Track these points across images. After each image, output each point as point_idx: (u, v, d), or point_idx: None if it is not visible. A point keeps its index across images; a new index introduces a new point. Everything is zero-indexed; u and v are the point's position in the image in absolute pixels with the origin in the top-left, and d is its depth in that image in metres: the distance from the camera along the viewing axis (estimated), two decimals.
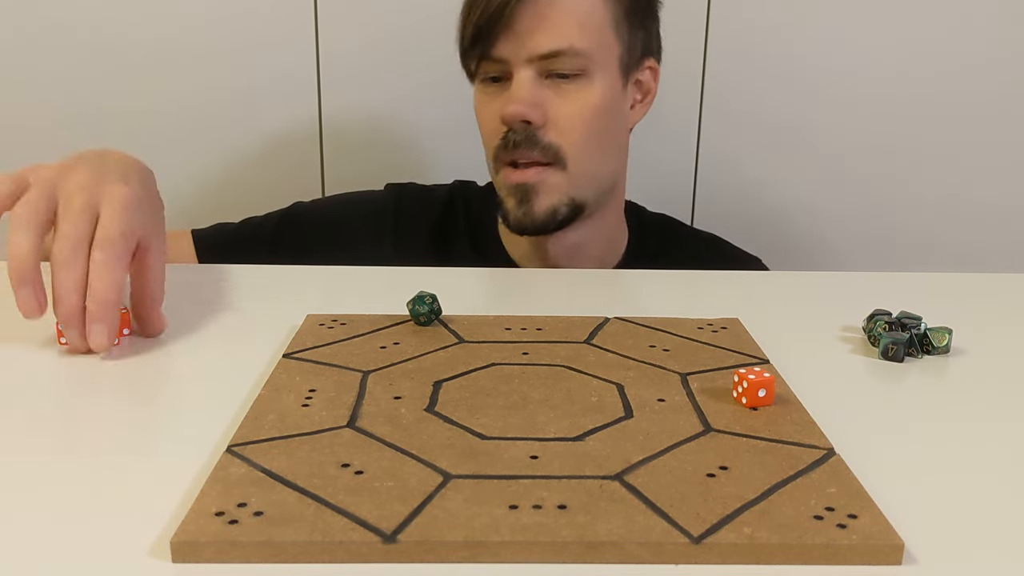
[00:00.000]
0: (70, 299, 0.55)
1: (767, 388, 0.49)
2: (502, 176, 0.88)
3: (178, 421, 0.49)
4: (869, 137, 1.24)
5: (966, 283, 0.77)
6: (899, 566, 0.37)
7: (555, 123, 0.85)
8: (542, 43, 0.84)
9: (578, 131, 0.86)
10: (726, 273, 0.79)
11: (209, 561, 0.36)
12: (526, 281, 0.78)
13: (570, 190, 0.87)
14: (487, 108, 0.88)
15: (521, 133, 0.85)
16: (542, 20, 0.83)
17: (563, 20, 0.84)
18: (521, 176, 0.86)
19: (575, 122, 0.86)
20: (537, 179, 0.86)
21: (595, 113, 0.87)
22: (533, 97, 0.84)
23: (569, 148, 0.86)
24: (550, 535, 0.36)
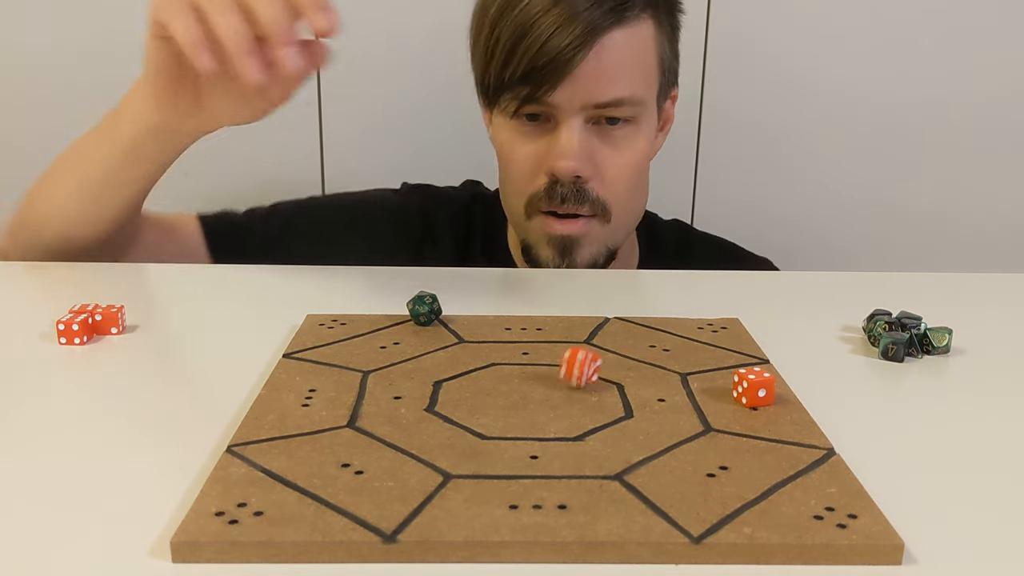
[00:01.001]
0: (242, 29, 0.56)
1: (767, 388, 0.49)
2: (539, 223, 0.83)
3: (178, 421, 0.49)
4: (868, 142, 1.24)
5: (966, 283, 0.77)
6: (899, 566, 0.37)
7: (604, 175, 0.81)
8: (603, 92, 0.78)
9: (626, 183, 0.83)
10: (726, 273, 0.79)
11: (209, 561, 0.36)
12: (526, 281, 0.78)
13: (608, 240, 0.85)
14: (522, 149, 0.82)
15: (569, 187, 0.80)
16: (605, 68, 0.77)
17: (626, 68, 0.79)
18: (565, 228, 0.82)
19: (625, 174, 0.82)
20: (582, 232, 0.82)
21: (642, 161, 0.84)
22: (585, 149, 0.79)
23: (615, 201, 0.82)
24: (550, 535, 0.36)
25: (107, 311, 0.60)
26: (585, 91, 0.78)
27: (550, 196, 0.81)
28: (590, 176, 0.81)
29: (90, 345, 0.59)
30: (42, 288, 0.71)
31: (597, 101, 0.79)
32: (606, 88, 0.78)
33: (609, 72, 0.78)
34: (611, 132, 0.81)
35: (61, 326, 0.58)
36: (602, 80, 0.78)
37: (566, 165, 0.79)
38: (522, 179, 0.83)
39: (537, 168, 0.82)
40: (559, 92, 0.78)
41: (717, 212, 1.25)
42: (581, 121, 0.79)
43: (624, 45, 0.78)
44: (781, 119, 1.23)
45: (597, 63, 0.77)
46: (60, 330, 0.58)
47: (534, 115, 0.81)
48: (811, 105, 1.22)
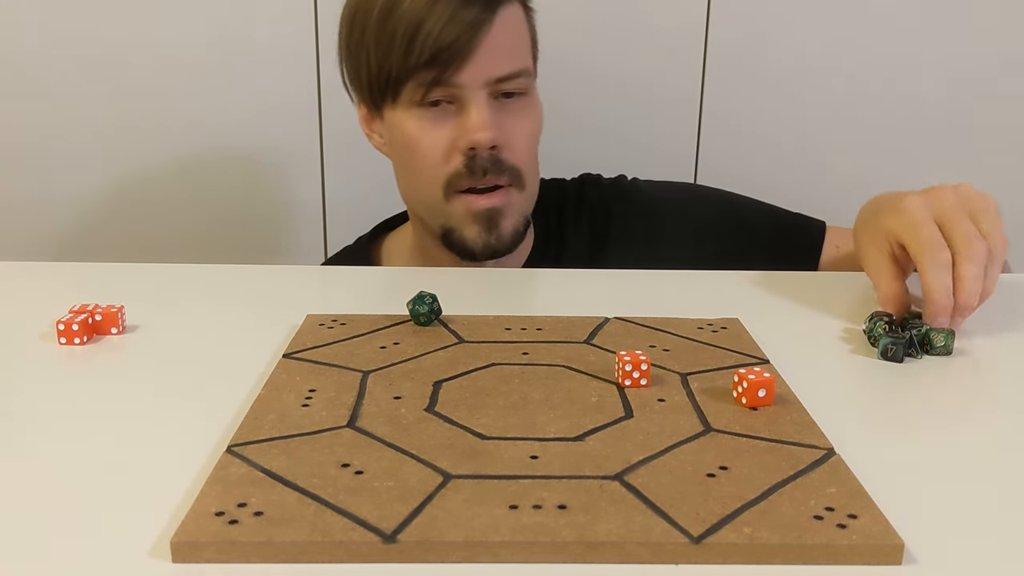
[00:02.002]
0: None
1: (767, 388, 0.49)
2: (460, 203, 0.85)
3: (178, 421, 0.49)
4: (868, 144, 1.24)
5: None
6: (899, 566, 0.37)
7: (512, 144, 0.85)
8: (502, 67, 0.83)
9: (530, 149, 0.87)
10: (726, 273, 0.79)
11: (209, 561, 0.36)
12: (526, 281, 0.78)
13: (524, 208, 0.88)
14: (431, 134, 0.84)
15: (487, 159, 0.83)
16: (498, 43, 0.82)
17: (517, 41, 0.85)
18: (488, 201, 0.85)
19: (529, 140, 0.87)
20: (503, 202, 0.85)
21: (538, 129, 0.89)
22: (496, 121, 0.83)
23: (525, 167, 0.86)
24: (550, 535, 0.36)
25: (107, 311, 0.60)
26: (487, 67, 0.82)
27: (471, 171, 0.84)
28: (503, 145, 0.84)
29: (90, 345, 0.59)
30: (42, 288, 0.71)
31: (498, 75, 0.83)
32: (503, 63, 0.83)
33: (505, 48, 0.83)
34: (509, 105, 0.85)
35: (61, 326, 0.58)
36: (500, 55, 0.83)
37: (484, 136, 0.82)
38: (435, 164, 0.85)
39: (451, 149, 0.84)
40: (465, 71, 0.81)
41: None
42: (485, 96, 0.83)
43: (511, 22, 0.84)
44: (781, 119, 1.23)
45: (495, 40, 0.82)
46: (60, 330, 0.58)
47: (436, 101, 0.84)
48: (811, 105, 1.22)
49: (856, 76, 1.21)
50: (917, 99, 1.22)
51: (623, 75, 1.21)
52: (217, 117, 1.22)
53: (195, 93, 1.21)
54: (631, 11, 1.20)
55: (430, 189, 0.86)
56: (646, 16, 1.19)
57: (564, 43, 1.20)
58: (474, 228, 0.86)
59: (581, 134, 1.23)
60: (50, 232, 1.25)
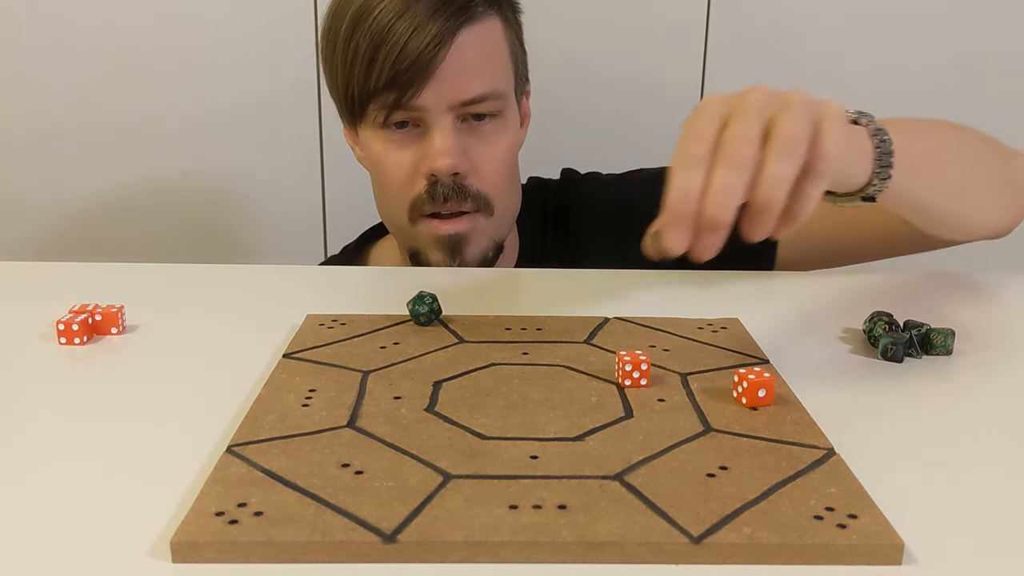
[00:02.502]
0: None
1: (767, 388, 0.49)
2: (424, 227, 0.84)
3: (178, 421, 0.49)
4: None
5: (966, 283, 0.77)
6: (899, 566, 0.37)
7: (479, 170, 0.82)
8: (467, 89, 0.79)
9: (501, 175, 0.84)
10: (726, 273, 0.79)
11: (209, 561, 0.36)
12: (526, 281, 0.78)
13: (494, 233, 0.86)
14: (395, 157, 0.83)
15: (449, 186, 0.81)
16: (465, 65, 0.79)
17: (484, 63, 0.81)
18: (452, 227, 0.83)
19: (498, 166, 0.84)
20: (468, 228, 0.83)
21: (512, 153, 0.86)
22: (459, 147, 0.80)
23: (495, 194, 0.84)
24: (550, 535, 0.36)
25: (107, 311, 0.60)
26: (450, 90, 0.79)
27: (432, 197, 0.82)
28: (467, 172, 0.82)
29: (90, 345, 0.59)
30: (42, 288, 0.71)
31: (463, 99, 0.80)
32: (469, 85, 0.80)
33: (469, 69, 0.80)
34: (479, 128, 0.83)
35: (61, 326, 0.58)
36: (464, 77, 0.79)
37: (443, 163, 0.80)
38: (400, 186, 0.84)
39: (414, 173, 0.83)
40: (425, 94, 0.79)
41: None
42: (451, 120, 0.81)
43: (478, 42, 0.80)
44: None
45: (457, 61, 0.79)
46: (60, 330, 0.58)
47: (402, 123, 0.82)
48: None
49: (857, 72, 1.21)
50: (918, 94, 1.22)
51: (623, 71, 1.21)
52: (217, 117, 1.22)
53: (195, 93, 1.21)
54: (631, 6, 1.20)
55: (397, 210, 0.85)
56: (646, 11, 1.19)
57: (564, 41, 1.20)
58: (438, 253, 0.84)
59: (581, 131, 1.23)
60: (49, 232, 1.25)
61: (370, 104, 0.81)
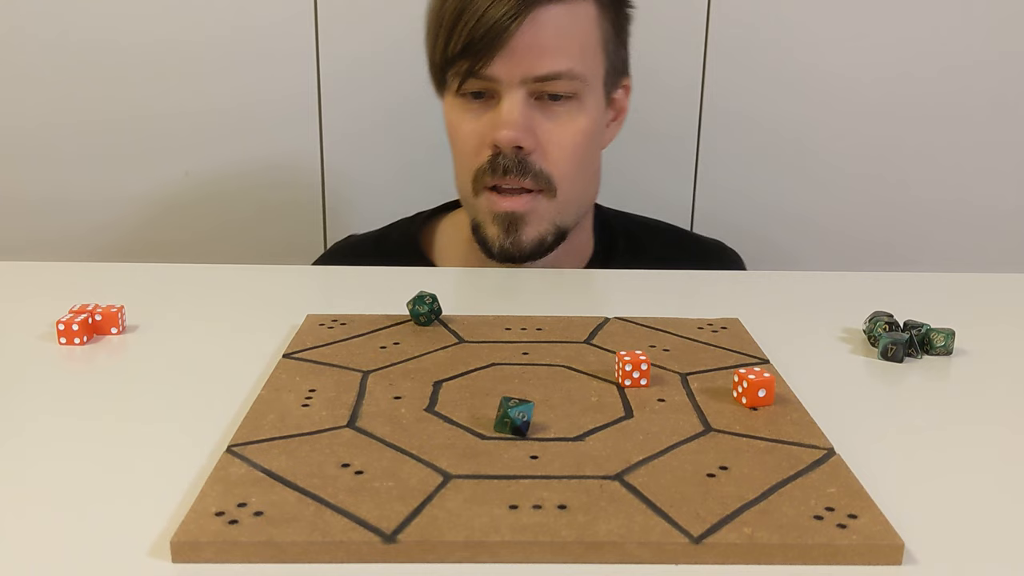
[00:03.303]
0: None
1: (767, 388, 0.49)
2: (485, 200, 0.84)
3: (178, 421, 0.49)
4: (869, 138, 1.24)
5: (967, 283, 0.77)
6: (899, 566, 0.37)
7: (546, 149, 0.82)
8: (541, 65, 0.80)
9: (569, 158, 0.83)
10: (726, 273, 0.79)
11: (209, 561, 0.36)
12: (526, 281, 0.78)
13: (556, 217, 0.85)
14: (468, 126, 0.84)
15: (511, 159, 0.81)
16: (542, 40, 0.79)
17: (563, 41, 0.80)
18: (510, 204, 0.83)
19: (567, 149, 0.83)
20: (527, 208, 0.83)
21: (585, 139, 0.84)
22: (526, 121, 0.80)
23: (559, 176, 0.83)
24: (550, 535, 0.36)
25: (107, 311, 0.60)
26: (523, 63, 0.79)
27: (493, 168, 0.82)
28: (531, 148, 0.82)
29: (90, 345, 0.59)
30: (42, 288, 0.71)
31: (536, 74, 0.80)
32: (544, 61, 0.80)
33: (546, 45, 0.80)
34: (553, 107, 0.83)
35: (61, 326, 0.58)
36: (540, 53, 0.79)
37: (506, 135, 0.80)
38: (468, 155, 0.84)
39: (481, 143, 0.83)
40: (497, 64, 0.79)
41: (717, 210, 1.25)
42: (523, 94, 0.81)
43: (561, 20, 0.80)
44: (782, 118, 1.23)
45: (534, 35, 0.79)
46: (60, 330, 0.58)
47: (479, 93, 0.83)
48: (812, 103, 1.22)
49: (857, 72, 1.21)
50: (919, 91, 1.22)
51: None
52: (216, 117, 1.21)
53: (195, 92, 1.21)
54: None
55: (465, 181, 0.86)
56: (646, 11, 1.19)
57: None
58: (494, 228, 0.84)
59: None
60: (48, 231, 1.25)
61: (448, 71, 0.83)
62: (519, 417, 0.45)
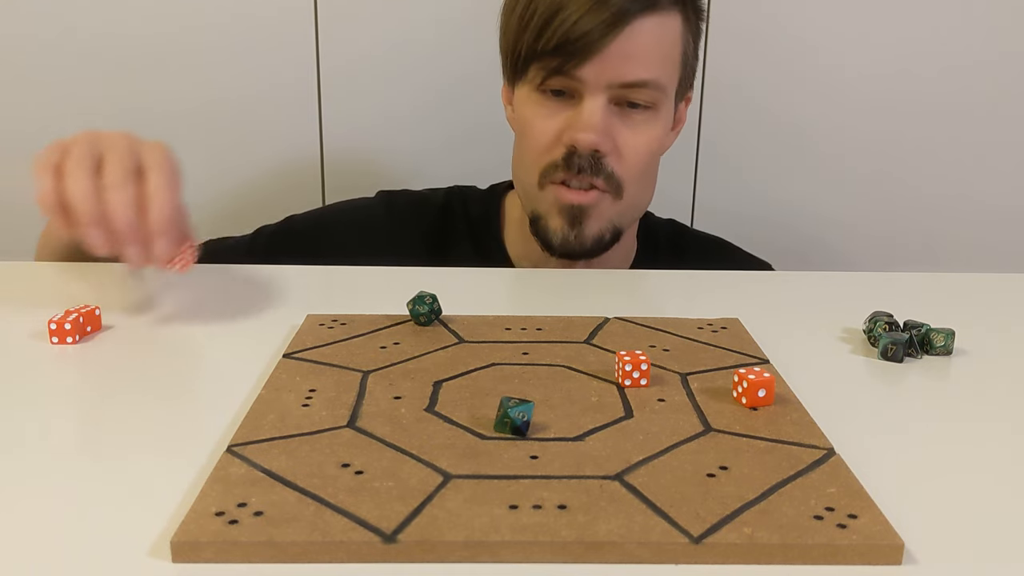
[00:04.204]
0: (128, 215, 0.59)
1: (767, 388, 0.49)
2: (551, 193, 0.85)
3: (178, 421, 0.49)
4: (870, 137, 1.24)
5: (967, 283, 0.77)
6: (899, 566, 0.37)
7: (620, 153, 0.84)
8: (628, 72, 0.81)
9: (640, 164, 0.85)
10: (726, 273, 0.79)
11: (209, 561, 0.36)
12: (526, 281, 0.78)
13: (616, 218, 0.87)
14: (545, 121, 0.85)
15: (587, 159, 0.82)
16: (632, 49, 0.81)
17: (651, 52, 0.82)
18: (579, 197, 0.84)
19: (640, 156, 0.85)
20: (593, 202, 0.84)
21: (657, 147, 0.86)
22: (606, 126, 0.82)
23: (628, 180, 0.85)
24: (550, 535, 0.36)
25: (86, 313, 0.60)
26: (612, 69, 0.81)
27: (568, 165, 0.83)
28: (608, 151, 0.83)
29: (89, 345, 0.58)
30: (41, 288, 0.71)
31: (623, 80, 0.81)
32: (632, 68, 0.81)
33: (636, 54, 0.81)
34: (631, 115, 0.84)
35: (53, 325, 0.58)
36: (629, 61, 0.81)
37: (587, 138, 0.82)
38: (540, 150, 0.85)
39: (556, 140, 0.84)
40: (587, 68, 0.80)
41: (717, 210, 1.25)
42: (604, 98, 0.82)
43: (653, 31, 0.82)
44: (782, 116, 1.23)
45: (626, 45, 0.80)
46: (52, 329, 0.58)
47: (559, 91, 0.84)
48: (813, 101, 1.22)
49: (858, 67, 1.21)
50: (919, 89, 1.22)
51: None
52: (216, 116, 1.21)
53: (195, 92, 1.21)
54: None
55: (530, 173, 0.87)
56: None
57: None
58: (558, 220, 0.86)
59: None
60: None
61: (532, 64, 0.83)
62: (519, 417, 0.45)
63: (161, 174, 0.61)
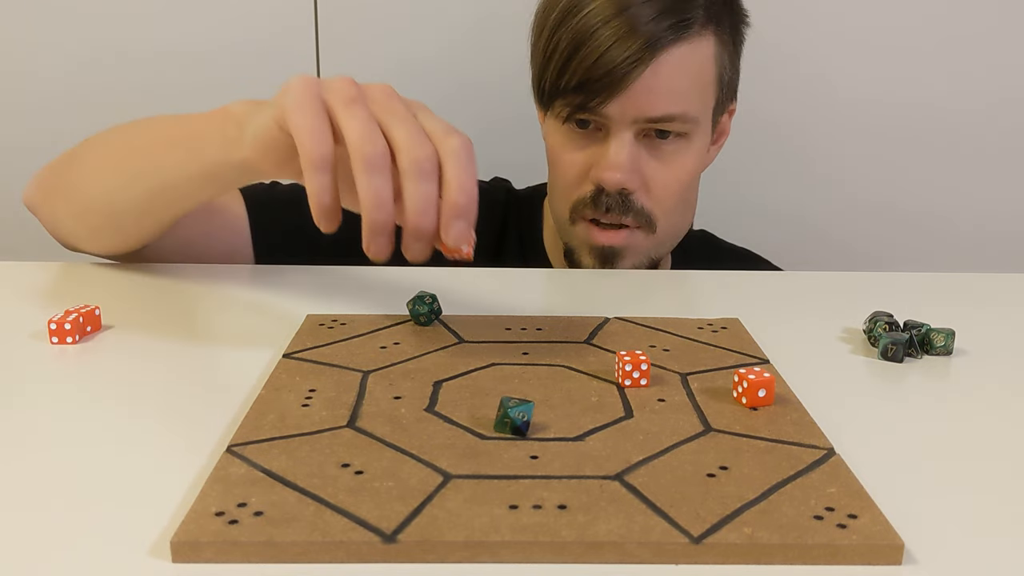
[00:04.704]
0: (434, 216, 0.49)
1: (767, 388, 0.49)
2: (583, 231, 0.84)
3: (178, 421, 0.49)
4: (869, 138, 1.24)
5: (967, 283, 0.77)
6: (899, 566, 0.37)
7: (650, 188, 0.81)
8: (656, 107, 0.78)
9: (672, 198, 0.83)
10: (726, 273, 0.79)
11: (209, 561, 0.36)
12: (526, 281, 0.78)
13: (652, 251, 0.85)
14: (572, 156, 0.82)
15: (615, 198, 0.80)
16: (660, 84, 0.77)
17: (681, 84, 0.79)
18: (608, 239, 0.82)
19: (671, 188, 0.82)
20: (625, 243, 0.82)
21: (689, 177, 0.84)
22: (633, 163, 0.79)
23: (661, 213, 0.82)
24: (550, 535, 0.36)
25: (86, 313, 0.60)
26: (638, 105, 0.78)
27: (596, 204, 0.81)
28: (636, 188, 0.81)
29: (89, 345, 0.58)
30: (40, 288, 0.71)
31: (649, 116, 0.79)
32: (660, 103, 0.78)
33: (664, 88, 0.78)
34: (661, 146, 0.81)
35: (53, 325, 0.58)
36: (657, 96, 0.78)
37: (612, 177, 0.79)
38: (568, 184, 0.84)
39: (584, 175, 0.82)
40: (612, 105, 0.78)
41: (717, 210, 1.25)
42: (631, 134, 0.79)
43: (682, 62, 0.78)
44: (780, 117, 1.23)
45: (653, 79, 0.77)
46: (52, 329, 0.58)
47: (584, 121, 0.81)
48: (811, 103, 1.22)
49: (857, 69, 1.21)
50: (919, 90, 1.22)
51: None
52: None
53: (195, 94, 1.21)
54: None
55: (561, 206, 0.85)
56: None
57: None
58: (590, 260, 0.84)
59: None
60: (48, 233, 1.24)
61: (557, 100, 0.81)
62: (519, 417, 0.45)
63: (463, 145, 0.50)
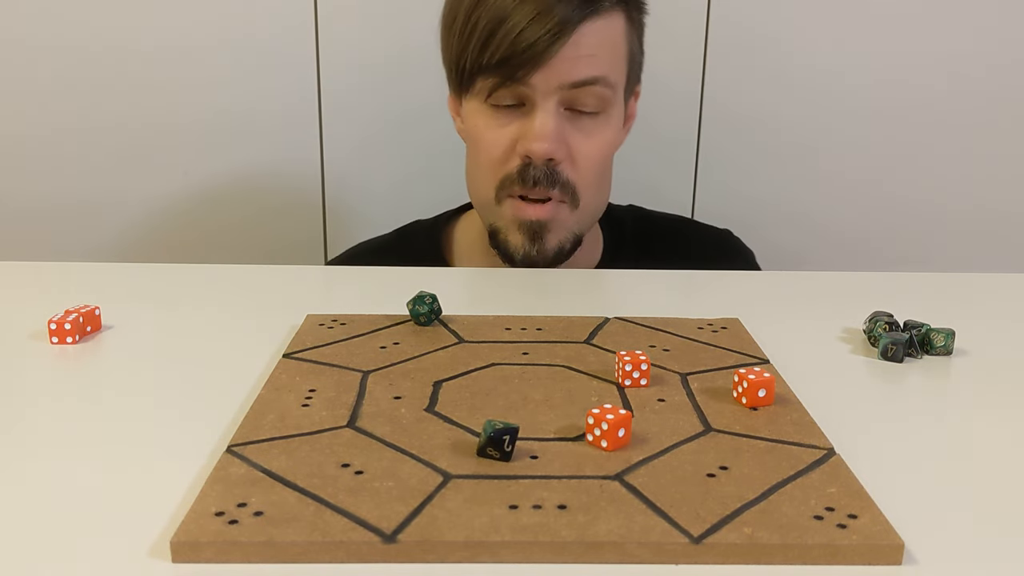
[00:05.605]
0: None
1: (767, 388, 0.49)
2: (509, 208, 0.85)
3: (178, 421, 0.49)
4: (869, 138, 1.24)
5: (967, 283, 0.77)
6: (899, 566, 0.37)
7: (574, 160, 0.83)
8: (576, 72, 0.80)
9: (595, 169, 0.85)
10: (726, 273, 0.79)
11: (209, 561, 0.36)
12: (526, 281, 0.78)
13: (575, 226, 0.86)
14: (494, 133, 0.84)
15: (541, 169, 0.82)
16: (579, 52, 0.80)
17: (598, 50, 0.81)
18: (536, 212, 0.84)
19: (594, 160, 0.84)
20: (552, 216, 0.84)
21: (610, 149, 0.86)
22: (559, 133, 0.81)
23: (584, 187, 0.84)
24: (550, 535, 0.36)
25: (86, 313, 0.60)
26: (560, 74, 0.80)
27: (523, 178, 0.82)
28: (562, 159, 0.82)
29: (89, 345, 0.58)
30: (39, 288, 0.71)
31: (573, 80, 0.81)
32: (582, 68, 0.80)
33: (585, 55, 0.80)
34: (582, 120, 0.83)
35: (53, 325, 0.58)
36: (578, 62, 0.80)
37: (540, 147, 0.81)
38: (494, 162, 0.84)
39: (510, 151, 0.83)
40: (536, 75, 0.80)
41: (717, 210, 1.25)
42: (555, 104, 0.81)
43: (598, 33, 0.81)
44: (781, 116, 1.23)
45: (573, 49, 0.79)
46: (52, 329, 0.58)
47: (507, 104, 0.83)
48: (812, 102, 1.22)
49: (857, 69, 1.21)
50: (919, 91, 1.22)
51: None
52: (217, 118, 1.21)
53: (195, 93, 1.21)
54: None
55: (485, 187, 0.86)
56: None
57: None
58: (518, 236, 0.85)
59: None
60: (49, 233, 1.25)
61: (478, 78, 0.82)
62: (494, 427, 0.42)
63: None
